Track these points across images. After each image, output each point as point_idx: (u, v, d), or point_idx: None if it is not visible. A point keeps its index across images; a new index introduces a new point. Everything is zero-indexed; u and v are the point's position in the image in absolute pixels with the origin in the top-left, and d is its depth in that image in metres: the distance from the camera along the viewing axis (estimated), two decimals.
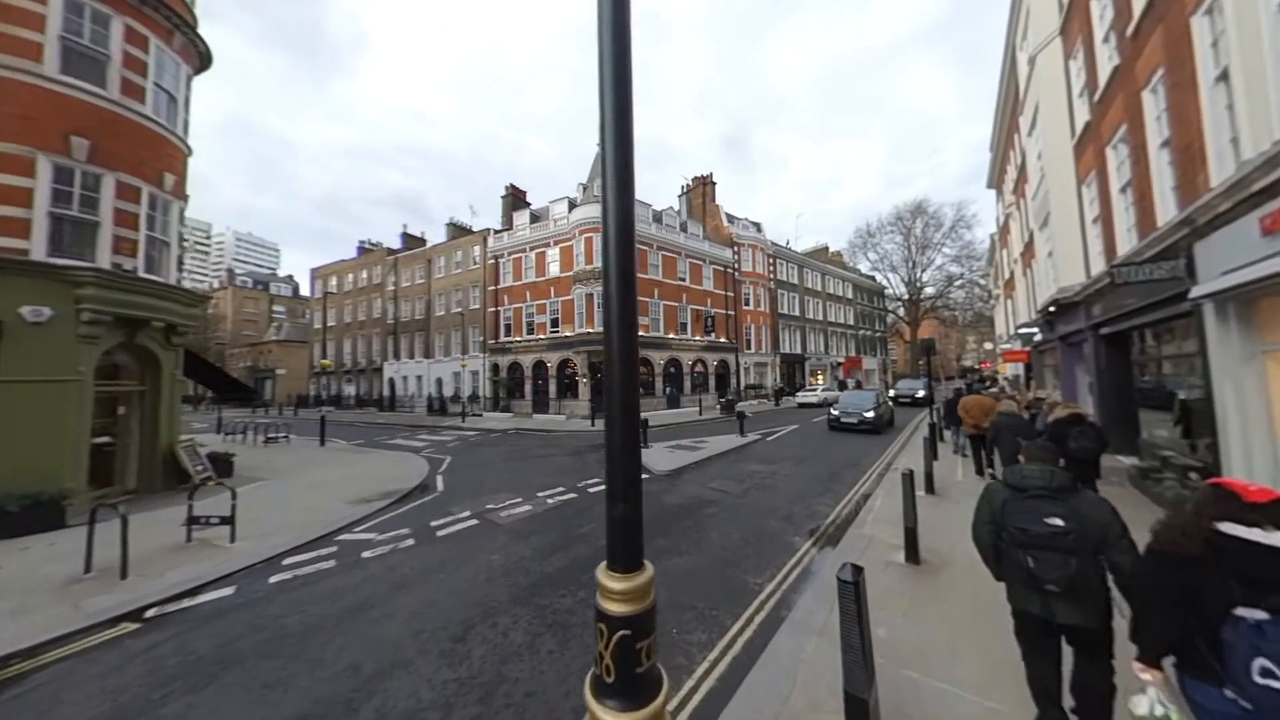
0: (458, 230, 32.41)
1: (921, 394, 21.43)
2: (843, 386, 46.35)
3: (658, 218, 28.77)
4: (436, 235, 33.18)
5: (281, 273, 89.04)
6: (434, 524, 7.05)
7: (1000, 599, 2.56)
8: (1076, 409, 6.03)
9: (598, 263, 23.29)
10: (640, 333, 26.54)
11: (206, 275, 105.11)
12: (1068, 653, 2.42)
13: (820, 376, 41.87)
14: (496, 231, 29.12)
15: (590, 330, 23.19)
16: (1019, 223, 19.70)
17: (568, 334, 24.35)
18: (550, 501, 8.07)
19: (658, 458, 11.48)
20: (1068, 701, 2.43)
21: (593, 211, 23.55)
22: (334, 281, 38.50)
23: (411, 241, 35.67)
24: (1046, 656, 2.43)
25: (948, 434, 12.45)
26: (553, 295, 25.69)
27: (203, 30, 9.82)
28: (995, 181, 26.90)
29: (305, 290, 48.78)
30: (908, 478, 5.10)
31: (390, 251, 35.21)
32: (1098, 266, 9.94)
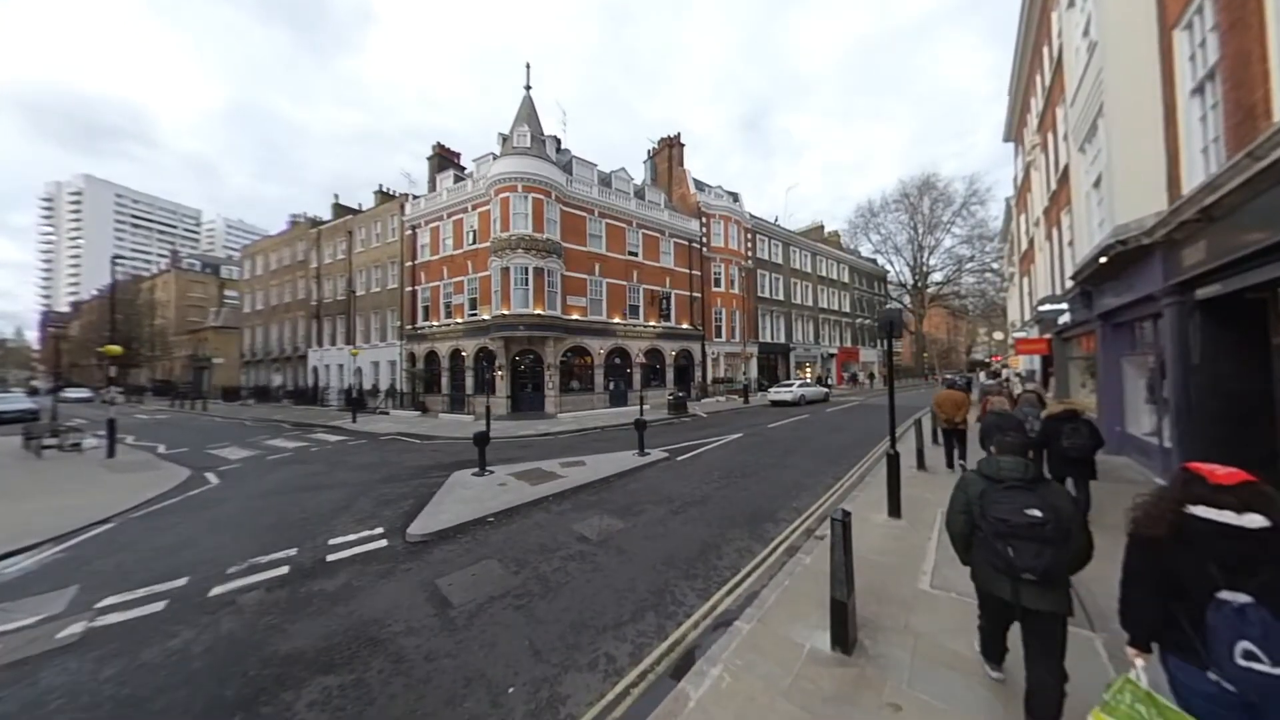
0: (385, 199, 28.18)
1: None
2: (854, 379, 41.57)
3: (605, 180, 24.29)
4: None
5: None
6: None
7: None
8: (1071, 404, 5.55)
9: (516, 228, 19.06)
10: (575, 316, 22.42)
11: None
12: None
13: (809, 369, 37.37)
14: (415, 197, 24.85)
15: (507, 312, 18.95)
16: (1043, 171, 15.06)
17: (485, 317, 20.15)
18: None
19: (462, 497, 7.28)
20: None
21: (512, 166, 19.19)
22: (260, 260, 34.60)
23: (341, 214, 31.50)
24: (1002, 619, 2.62)
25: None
26: (470, 271, 21.43)
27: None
28: (1014, 132, 22.06)
29: None
30: None
31: (313, 224, 31.11)
32: (1198, 175, 5.49)
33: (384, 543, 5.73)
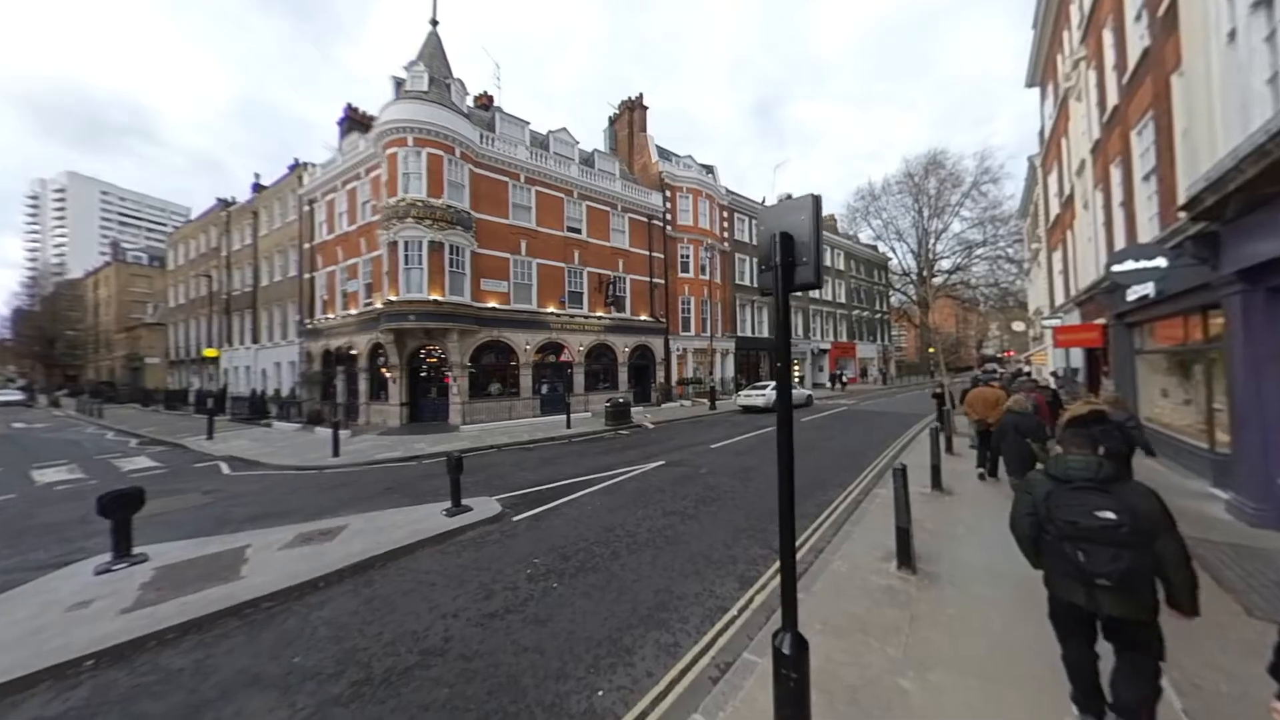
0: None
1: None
2: (862, 375, 37.16)
3: (541, 141, 20.26)
4: None
5: None
6: None
7: None
8: (1096, 404, 4.81)
9: (408, 192, 15.11)
10: (492, 304, 17.99)
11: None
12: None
13: (798, 367, 33.18)
14: (313, 165, 20.95)
15: (395, 298, 15.00)
16: (1091, 95, 10.80)
17: (378, 306, 16.24)
18: None
19: None
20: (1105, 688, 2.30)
21: (401, 113, 15.16)
22: (182, 249, 30.93)
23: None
24: (1084, 640, 2.35)
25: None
26: (364, 250, 17.49)
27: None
28: (1040, 72, 17.76)
29: None
30: None
31: (225, 205, 27.32)
32: None
33: None
